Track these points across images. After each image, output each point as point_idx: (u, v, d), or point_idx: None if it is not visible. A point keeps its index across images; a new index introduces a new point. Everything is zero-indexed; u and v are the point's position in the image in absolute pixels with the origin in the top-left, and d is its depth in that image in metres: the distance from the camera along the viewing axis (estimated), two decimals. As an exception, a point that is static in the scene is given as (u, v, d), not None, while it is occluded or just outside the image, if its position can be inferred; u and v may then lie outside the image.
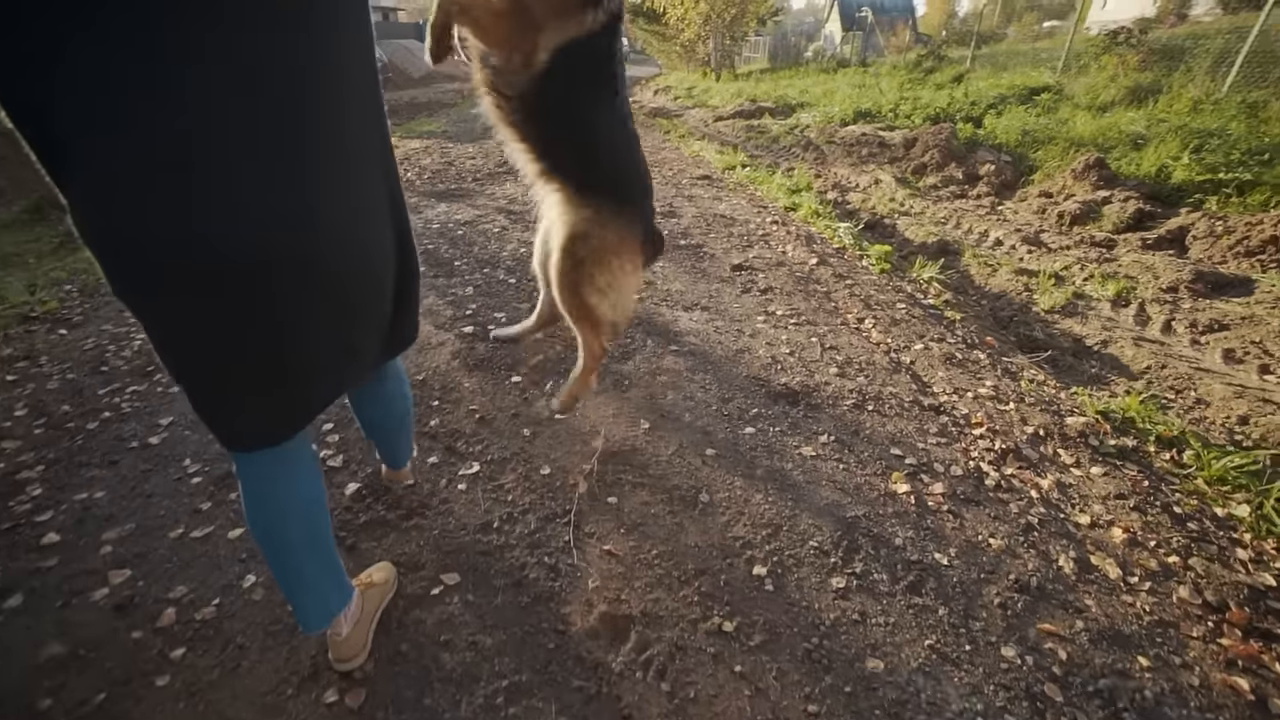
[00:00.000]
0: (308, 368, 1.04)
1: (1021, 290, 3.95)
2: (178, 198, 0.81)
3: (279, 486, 1.12)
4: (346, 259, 1.01)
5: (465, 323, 2.81)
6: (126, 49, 0.75)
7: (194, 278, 0.85)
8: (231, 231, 0.85)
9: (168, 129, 0.79)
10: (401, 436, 1.64)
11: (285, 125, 0.87)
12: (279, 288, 0.92)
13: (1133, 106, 6.88)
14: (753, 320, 2.91)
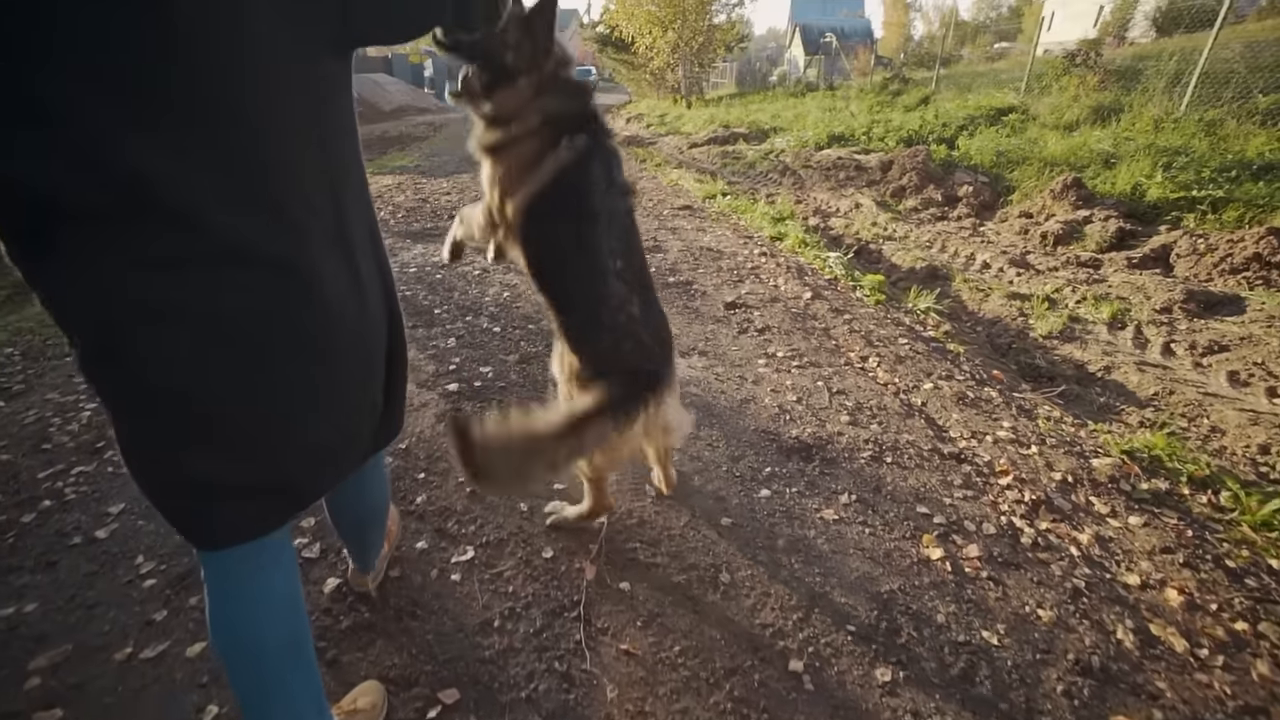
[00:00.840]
0: (310, 451, 0.97)
1: (1016, 315, 3.91)
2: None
3: (255, 582, 0.98)
4: (346, 332, 0.95)
5: (449, 379, 2.62)
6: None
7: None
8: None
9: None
10: (377, 530, 1.48)
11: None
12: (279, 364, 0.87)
13: (1098, 125, 7.03)
14: (754, 364, 2.78)
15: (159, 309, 0.78)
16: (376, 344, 1.06)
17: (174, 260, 0.77)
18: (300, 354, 0.89)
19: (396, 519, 1.81)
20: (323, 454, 1.00)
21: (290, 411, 0.91)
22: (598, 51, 21.73)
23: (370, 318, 1.01)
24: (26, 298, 3.58)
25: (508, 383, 2.59)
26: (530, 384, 2.58)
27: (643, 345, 1.42)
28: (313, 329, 0.89)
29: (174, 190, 0.74)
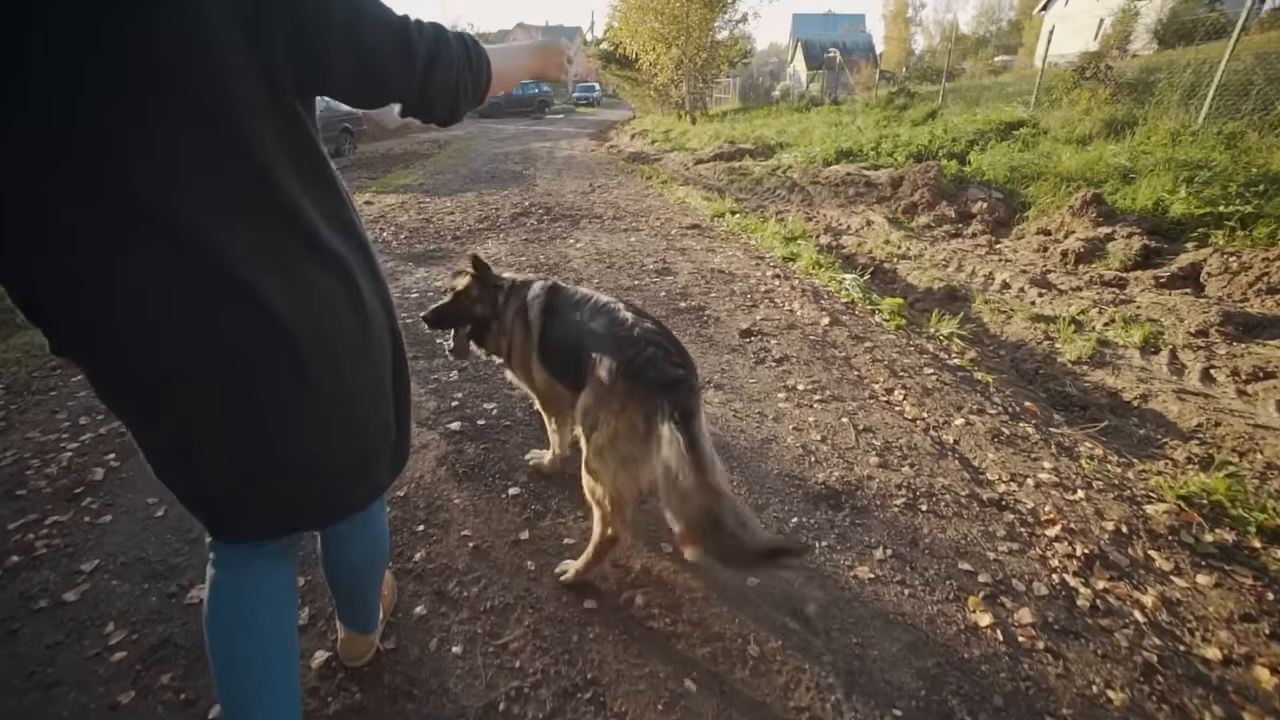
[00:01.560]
0: (315, 470, 1.00)
1: (1041, 339, 3.74)
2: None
3: (253, 572, 1.08)
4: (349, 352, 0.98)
5: (451, 417, 2.48)
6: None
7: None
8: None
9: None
10: (376, 585, 1.39)
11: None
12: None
13: (1112, 139, 6.90)
14: (773, 399, 2.62)
15: (157, 333, 0.82)
16: (381, 364, 1.07)
17: (172, 282, 0.80)
18: (300, 376, 0.91)
19: (392, 584, 1.67)
20: (331, 475, 1.03)
21: (288, 433, 0.94)
22: (601, 68, 21.84)
23: (373, 336, 1.02)
24: (12, 327, 3.47)
25: (513, 421, 2.44)
26: (536, 421, 2.43)
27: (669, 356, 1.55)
28: (314, 350, 0.91)
29: (169, 211, 0.77)
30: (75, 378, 2.89)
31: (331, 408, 0.98)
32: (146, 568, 1.76)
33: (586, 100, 35.21)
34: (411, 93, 0.93)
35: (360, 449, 1.06)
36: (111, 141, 0.73)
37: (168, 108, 0.74)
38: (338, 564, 1.30)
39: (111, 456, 2.27)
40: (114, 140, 0.72)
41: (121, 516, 1.97)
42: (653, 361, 1.49)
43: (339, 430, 1.00)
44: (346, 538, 1.26)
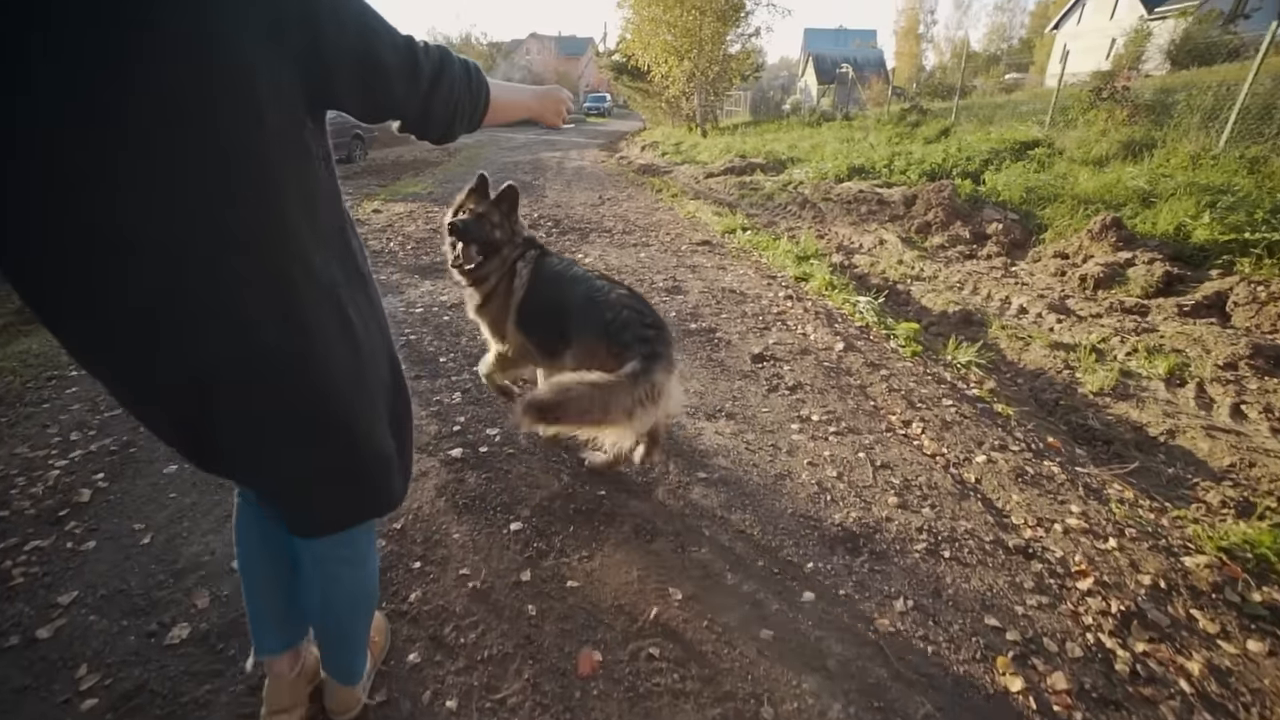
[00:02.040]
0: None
1: (1061, 367, 3.63)
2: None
3: (264, 525, 1.22)
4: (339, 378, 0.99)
5: (452, 442, 2.39)
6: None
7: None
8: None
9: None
10: (363, 632, 1.32)
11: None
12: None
13: (1129, 161, 6.80)
14: (787, 430, 2.52)
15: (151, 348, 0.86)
16: (376, 394, 1.07)
17: (163, 302, 0.83)
18: (287, 403, 0.95)
19: (384, 628, 1.57)
20: (321, 497, 1.08)
21: (277, 453, 1.00)
22: (613, 79, 21.91)
23: (366, 365, 1.03)
24: (13, 333, 3.42)
25: (517, 449, 2.35)
26: (541, 450, 2.34)
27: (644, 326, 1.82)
28: (302, 381, 0.94)
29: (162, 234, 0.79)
30: (70, 389, 2.83)
31: (318, 437, 0.99)
32: (127, 602, 1.67)
33: (597, 111, 35.41)
34: (414, 111, 0.96)
35: (351, 478, 1.07)
36: (107, 149, 0.73)
37: (169, 123, 0.74)
38: (323, 605, 1.23)
39: (100, 476, 2.19)
40: (109, 147, 0.73)
41: (105, 543, 1.88)
42: (628, 324, 1.81)
43: (327, 458, 1.02)
44: (334, 578, 1.20)
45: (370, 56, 0.87)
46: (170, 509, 2.03)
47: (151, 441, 2.40)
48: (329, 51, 0.82)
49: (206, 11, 0.71)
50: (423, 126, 1.00)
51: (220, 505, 2.04)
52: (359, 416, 1.03)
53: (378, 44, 0.87)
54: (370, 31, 0.87)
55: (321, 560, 1.18)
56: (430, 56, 0.94)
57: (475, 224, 2.03)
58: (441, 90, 0.96)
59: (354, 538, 1.18)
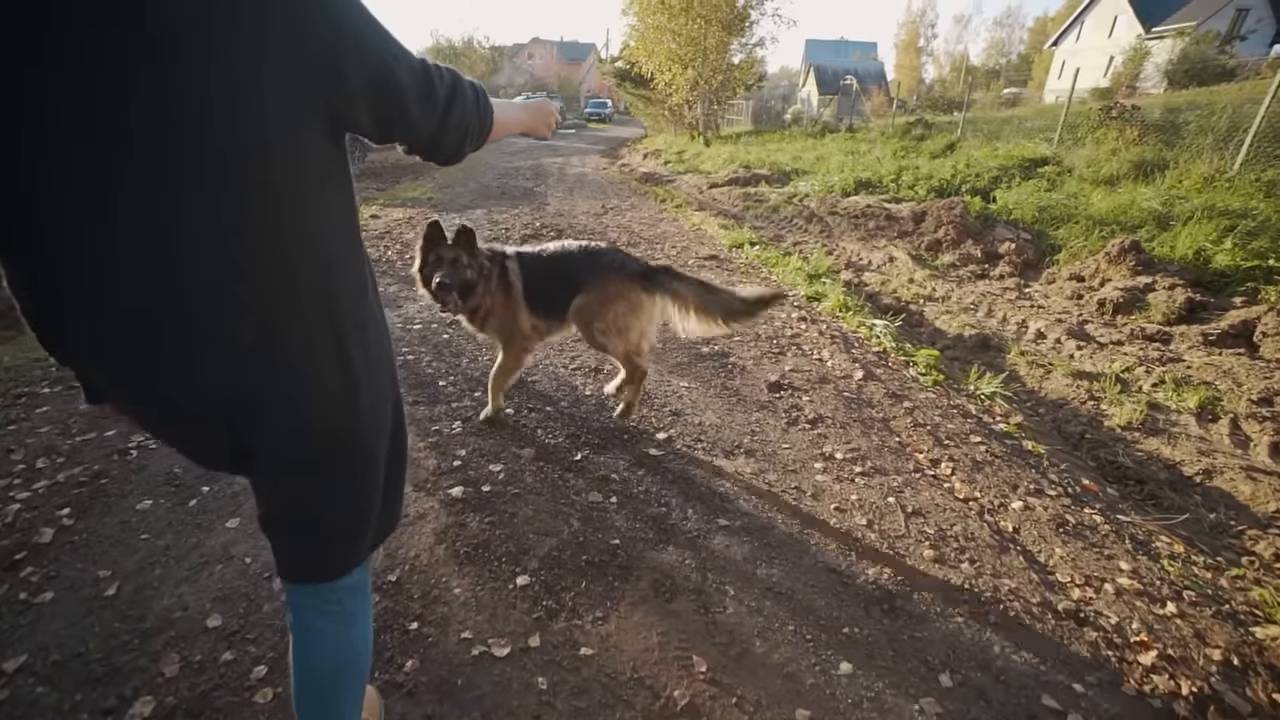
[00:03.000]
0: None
1: (1085, 398, 3.49)
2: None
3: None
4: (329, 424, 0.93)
5: (452, 479, 2.22)
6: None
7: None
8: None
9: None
10: (350, 699, 1.13)
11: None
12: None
13: (1141, 181, 6.71)
14: (810, 470, 2.37)
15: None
16: (374, 447, 1.00)
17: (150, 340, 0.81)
18: (270, 439, 0.90)
19: (377, 706, 1.40)
20: (292, 537, 1.01)
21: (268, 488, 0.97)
22: (615, 85, 21.83)
23: (362, 411, 0.95)
24: None
25: (522, 488, 2.18)
26: (549, 490, 2.18)
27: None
28: (289, 416, 0.89)
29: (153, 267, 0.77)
30: (40, 409, 2.64)
31: (301, 477, 0.94)
32: (83, 669, 1.49)
33: (598, 116, 35.35)
34: (428, 134, 0.95)
35: (323, 530, 1.00)
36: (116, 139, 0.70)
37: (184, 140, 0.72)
38: (304, 673, 1.07)
39: (66, 512, 2.01)
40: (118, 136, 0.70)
41: (65, 594, 1.70)
42: (623, 262, 2.46)
43: (304, 500, 0.97)
44: (319, 635, 1.06)
45: (391, 79, 0.85)
46: (141, 553, 1.85)
47: (125, 471, 2.22)
48: (350, 73, 0.81)
49: (214, 19, 0.69)
50: (434, 149, 0.99)
51: (198, 549, 1.87)
52: (349, 464, 0.97)
53: (397, 68, 0.86)
54: (390, 55, 0.85)
55: (299, 610, 1.06)
56: (444, 80, 0.94)
57: (454, 274, 2.16)
58: (455, 114, 0.96)
59: (337, 590, 1.05)
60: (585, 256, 2.47)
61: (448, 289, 2.15)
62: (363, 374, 0.93)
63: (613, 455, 2.38)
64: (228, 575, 1.77)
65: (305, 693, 1.08)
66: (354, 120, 0.86)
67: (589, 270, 2.44)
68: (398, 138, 0.95)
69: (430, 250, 2.17)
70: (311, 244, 0.85)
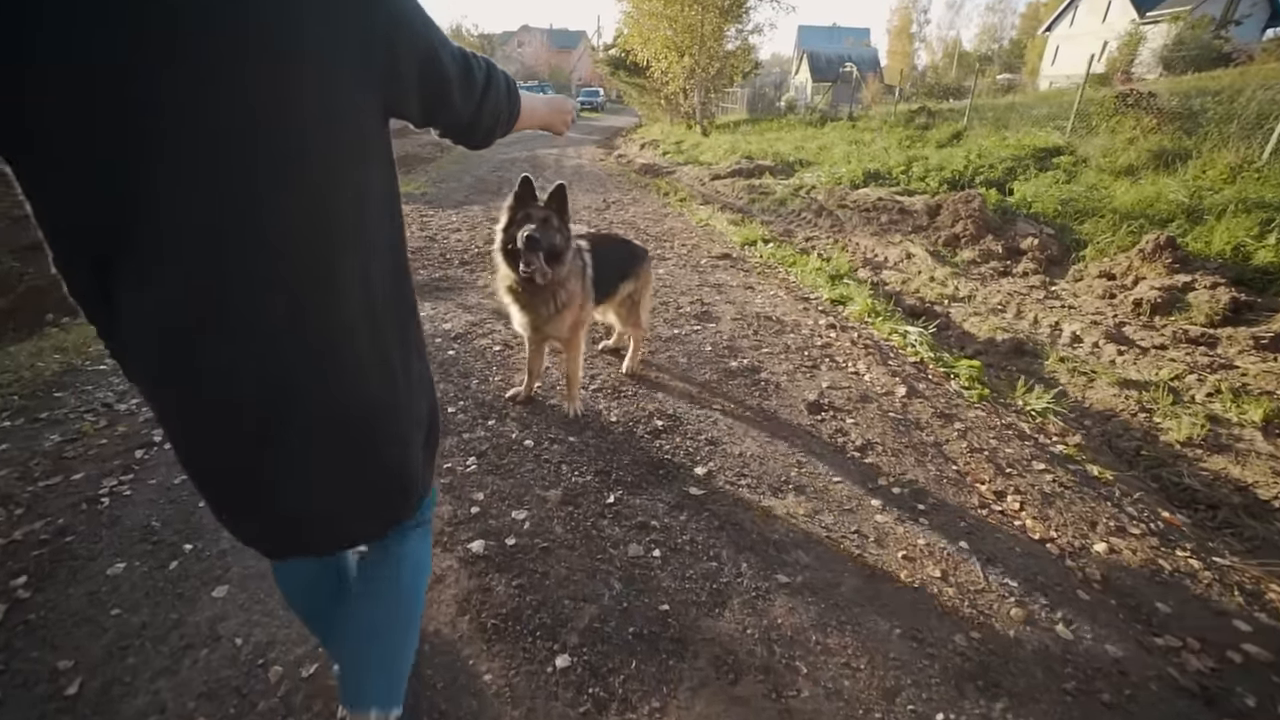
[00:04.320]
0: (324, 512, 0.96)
1: (1134, 409, 3.28)
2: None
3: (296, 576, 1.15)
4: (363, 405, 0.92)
5: (470, 531, 1.96)
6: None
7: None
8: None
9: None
10: (393, 653, 1.15)
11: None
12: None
13: (1162, 172, 6.49)
14: (867, 509, 2.12)
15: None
16: (407, 420, 1.00)
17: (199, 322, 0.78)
18: (309, 422, 0.87)
19: None
20: (337, 515, 0.99)
21: (287, 478, 0.90)
22: (609, 74, 21.35)
23: (398, 392, 0.96)
24: None
25: (552, 540, 1.92)
26: (582, 542, 1.92)
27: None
28: (325, 398, 0.87)
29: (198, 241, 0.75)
30: None
31: (344, 462, 0.93)
32: (45, 801, 1.23)
33: (591, 105, 34.77)
34: (466, 119, 0.99)
35: (362, 496, 0.99)
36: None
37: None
38: (348, 622, 1.15)
39: (22, 581, 1.73)
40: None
41: (14, 696, 1.43)
42: (642, 249, 2.96)
43: (352, 480, 0.96)
44: (364, 579, 1.17)
45: (437, 65, 0.88)
46: (111, 633, 1.58)
47: (95, 525, 1.95)
48: (403, 60, 0.83)
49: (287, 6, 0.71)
50: (470, 134, 1.03)
51: (179, 628, 1.60)
52: (387, 437, 0.97)
53: (443, 54, 0.89)
54: (438, 43, 0.88)
55: (378, 563, 1.14)
56: (480, 68, 0.97)
57: (544, 231, 1.97)
58: (490, 101, 1.00)
59: (403, 537, 1.14)
60: (624, 244, 2.86)
61: (535, 244, 1.95)
62: (399, 353, 0.95)
63: (650, 495, 2.13)
64: (215, 662, 1.51)
65: (352, 629, 1.14)
66: (403, 105, 0.88)
67: (632, 258, 2.78)
68: (438, 122, 0.98)
69: (520, 208, 2.01)
70: (352, 224, 0.83)
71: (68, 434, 2.41)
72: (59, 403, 2.65)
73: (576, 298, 2.32)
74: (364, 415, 0.91)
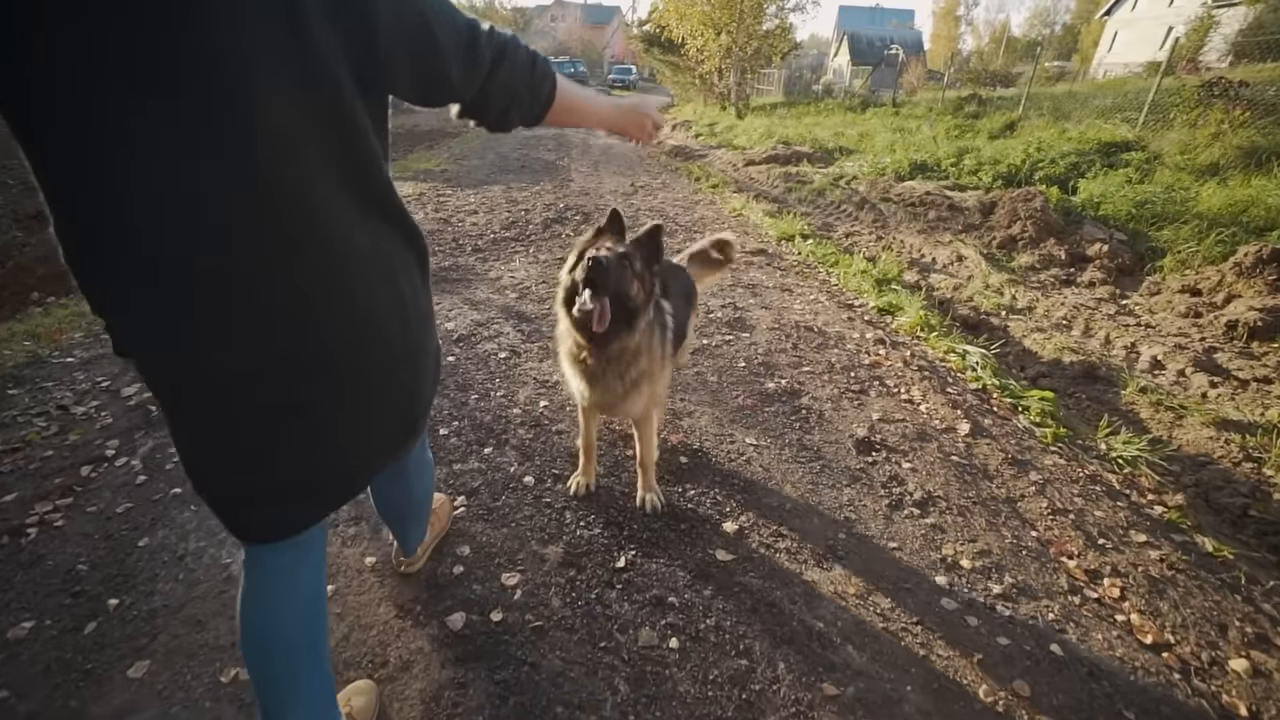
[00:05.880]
0: (344, 458, 0.99)
1: (1237, 456, 2.81)
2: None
3: (286, 579, 1.04)
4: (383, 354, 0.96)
5: (451, 600, 1.62)
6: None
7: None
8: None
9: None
10: (419, 520, 1.54)
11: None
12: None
13: (1255, 172, 5.83)
14: (931, 588, 1.74)
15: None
16: (421, 369, 1.06)
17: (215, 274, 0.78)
18: (334, 372, 0.89)
19: (448, 510, 1.82)
20: (356, 461, 1.01)
21: (320, 424, 0.92)
22: (643, 51, 20.65)
23: (412, 341, 1.01)
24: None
25: (547, 617, 1.57)
26: (583, 621, 1.57)
27: None
28: (346, 347, 0.89)
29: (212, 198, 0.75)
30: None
31: (366, 396, 0.96)
32: None
33: (623, 83, 33.99)
34: (469, 95, 0.93)
35: (387, 436, 1.05)
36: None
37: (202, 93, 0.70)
38: (380, 504, 1.42)
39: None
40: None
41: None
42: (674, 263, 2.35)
43: (367, 420, 0.98)
44: (385, 485, 1.34)
45: (426, 37, 0.83)
46: (4, 724, 1.29)
47: (9, 569, 1.65)
48: (382, 26, 0.79)
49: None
50: (479, 111, 0.98)
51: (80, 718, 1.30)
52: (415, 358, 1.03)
53: (435, 26, 0.84)
54: (432, 11, 0.83)
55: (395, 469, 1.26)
56: (493, 42, 0.91)
57: (619, 270, 1.46)
58: (499, 80, 0.93)
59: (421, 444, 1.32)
60: (680, 272, 2.24)
61: (604, 275, 1.42)
62: (411, 307, 0.97)
63: (668, 560, 1.77)
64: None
65: (391, 508, 1.44)
66: (391, 78, 0.85)
67: (690, 291, 2.27)
68: (437, 100, 0.93)
69: (597, 243, 1.54)
70: (315, 202, 0.80)
71: (10, 442, 2.13)
72: (11, 402, 2.38)
73: (657, 367, 1.72)
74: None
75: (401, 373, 0.99)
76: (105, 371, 2.63)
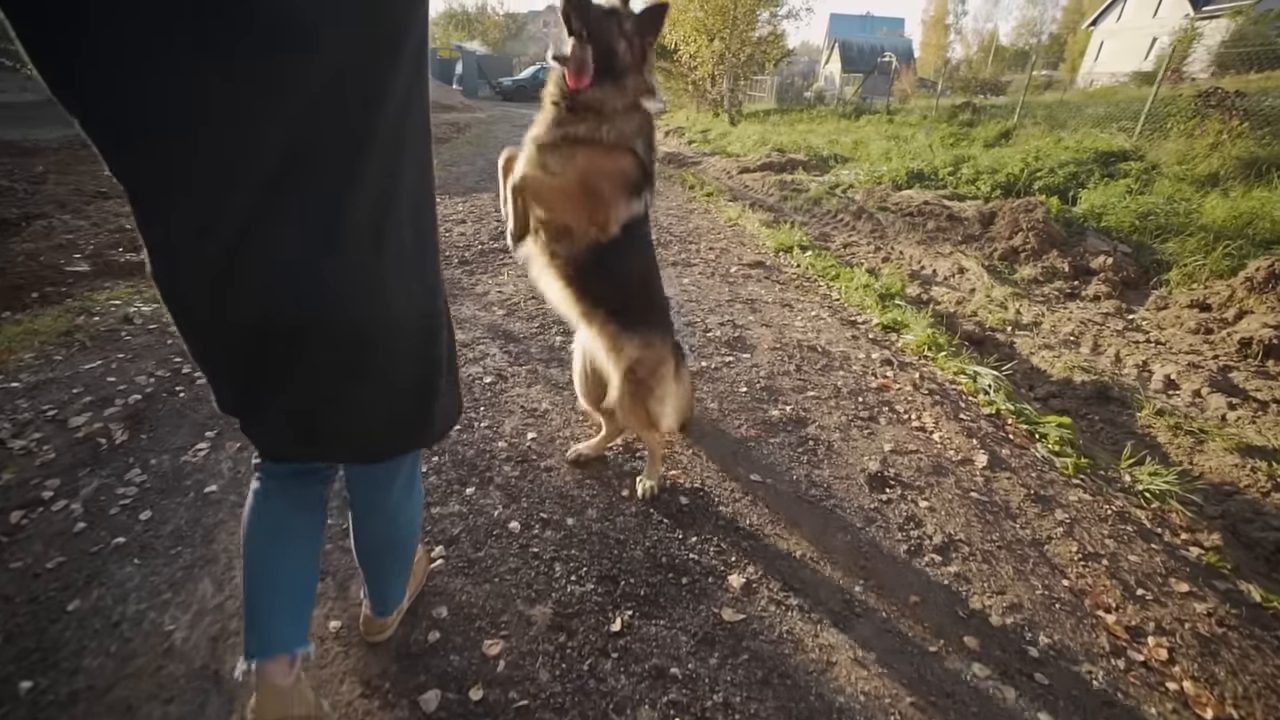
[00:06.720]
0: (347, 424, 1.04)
1: (1265, 485, 2.67)
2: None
3: (292, 491, 1.18)
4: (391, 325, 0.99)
5: (425, 674, 1.43)
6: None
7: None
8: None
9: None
10: (399, 565, 1.37)
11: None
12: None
13: (1256, 183, 5.75)
14: (959, 651, 1.56)
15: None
16: (430, 338, 1.06)
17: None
18: (342, 344, 0.93)
19: (424, 565, 1.64)
20: (361, 426, 1.06)
21: (330, 396, 0.98)
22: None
23: (414, 315, 1.02)
24: None
25: (534, 696, 1.38)
26: (575, 700, 1.38)
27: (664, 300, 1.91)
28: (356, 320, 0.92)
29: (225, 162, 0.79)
30: None
31: (379, 376, 1.00)
32: None
33: (613, 88, 33.78)
34: None
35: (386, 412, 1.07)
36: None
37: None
38: (359, 538, 1.30)
39: None
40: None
41: None
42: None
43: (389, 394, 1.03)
44: (368, 515, 1.27)
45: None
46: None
47: None
48: None
49: None
50: None
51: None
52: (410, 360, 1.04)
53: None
54: None
55: (380, 499, 1.24)
56: None
57: (605, 13, 1.45)
58: None
59: (414, 477, 1.29)
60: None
61: (582, 17, 1.42)
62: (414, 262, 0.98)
63: (669, 620, 1.59)
64: None
65: (369, 543, 1.31)
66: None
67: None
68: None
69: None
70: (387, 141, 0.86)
71: (-68, 485, 1.91)
72: (-57, 436, 2.16)
73: (595, 165, 1.60)
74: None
75: (414, 342, 1.02)
76: (53, 399, 2.42)
